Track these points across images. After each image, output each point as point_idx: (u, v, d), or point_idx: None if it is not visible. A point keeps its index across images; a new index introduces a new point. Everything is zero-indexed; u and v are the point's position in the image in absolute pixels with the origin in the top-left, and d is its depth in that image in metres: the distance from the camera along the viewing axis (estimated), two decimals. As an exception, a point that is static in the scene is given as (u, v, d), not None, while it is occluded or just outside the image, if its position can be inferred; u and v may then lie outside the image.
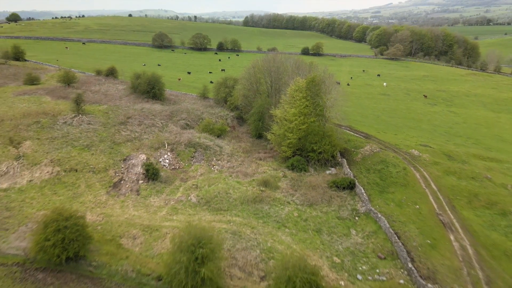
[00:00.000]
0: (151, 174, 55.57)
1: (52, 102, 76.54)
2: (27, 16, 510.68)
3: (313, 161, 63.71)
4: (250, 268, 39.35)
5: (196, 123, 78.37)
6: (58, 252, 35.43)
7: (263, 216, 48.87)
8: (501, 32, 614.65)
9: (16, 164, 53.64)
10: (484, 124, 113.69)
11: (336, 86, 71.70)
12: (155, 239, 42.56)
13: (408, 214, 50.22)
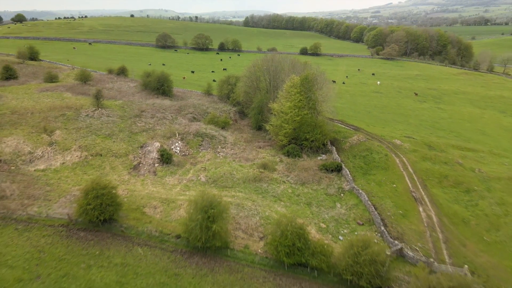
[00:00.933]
0: (165, 158, 64.31)
1: (73, 98, 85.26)
2: (27, 16, 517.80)
3: (306, 149, 72.50)
4: (251, 231, 48.06)
5: (202, 116, 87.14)
6: (97, 214, 44.10)
7: (262, 192, 57.62)
8: (498, 32, 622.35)
9: (49, 150, 62.37)
10: (468, 120, 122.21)
11: (327, 83, 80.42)
12: (172, 209, 51.25)
13: (386, 191, 58.96)
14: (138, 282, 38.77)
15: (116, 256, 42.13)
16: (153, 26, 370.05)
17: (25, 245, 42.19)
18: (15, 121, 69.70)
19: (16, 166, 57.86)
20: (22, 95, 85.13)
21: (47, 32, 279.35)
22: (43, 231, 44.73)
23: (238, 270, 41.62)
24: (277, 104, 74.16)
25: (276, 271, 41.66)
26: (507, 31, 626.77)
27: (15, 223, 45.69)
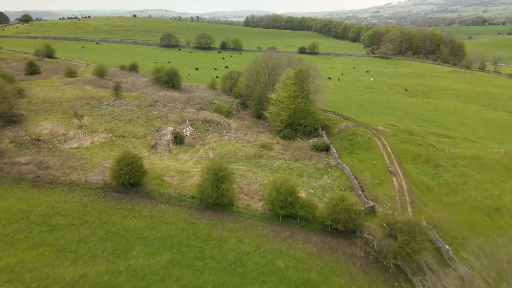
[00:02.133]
0: (178, 139, 74.97)
1: (93, 90, 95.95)
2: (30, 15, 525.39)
3: (300, 133, 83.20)
4: (252, 194, 58.67)
5: (208, 106, 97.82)
6: (128, 178, 54.72)
7: (261, 166, 68.28)
8: (495, 32, 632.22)
9: (80, 132, 73.04)
10: (451, 112, 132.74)
11: (319, 76, 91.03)
12: (186, 178, 61.88)
13: (366, 166, 69.66)
14: (164, 228, 49.38)
15: (144, 210, 52.79)
16: (156, 26, 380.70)
17: (71, 201, 52.87)
18: (47, 109, 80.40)
19: (53, 145, 68.53)
20: (48, 87, 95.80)
21: (55, 32, 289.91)
22: (84, 192, 55.41)
23: (242, 221, 52.25)
24: (274, 94, 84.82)
25: (272, 222, 52.29)
26: (503, 30, 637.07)
27: (60, 186, 56.38)
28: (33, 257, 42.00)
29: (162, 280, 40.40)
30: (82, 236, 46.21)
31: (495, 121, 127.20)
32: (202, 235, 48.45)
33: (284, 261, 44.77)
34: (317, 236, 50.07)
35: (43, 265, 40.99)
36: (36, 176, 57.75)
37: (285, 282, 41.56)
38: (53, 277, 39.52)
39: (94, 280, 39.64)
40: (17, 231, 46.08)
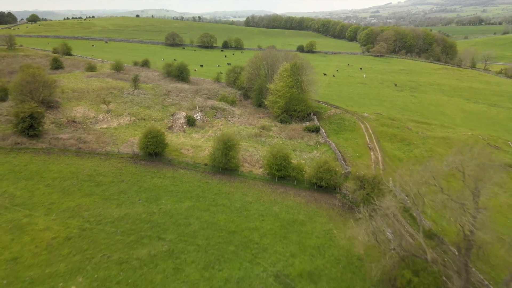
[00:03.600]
0: (190, 122, 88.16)
1: (114, 82, 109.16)
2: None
3: (294, 117, 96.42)
4: (254, 163, 71.78)
5: (214, 96, 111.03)
6: (153, 148, 67.83)
7: (261, 142, 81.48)
8: (491, 31, 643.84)
9: (107, 115, 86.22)
10: (434, 104, 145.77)
11: (312, 70, 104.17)
12: (199, 151, 75.06)
13: (350, 144, 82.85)
14: (184, 185, 62.51)
15: (167, 173, 65.97)
16: (160, 26, 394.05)
17: (109, 166, 66.07)
18: (77, 97, 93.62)
19: (87, 125, 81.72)
20: (74, 80, 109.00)
21: (64, 32, 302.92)
22: (118, 160, 68.64)
23: (246, 181, 65.40)
24: (273, 85, 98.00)
25: (270, 182, 65.44)
26: (499, 30, 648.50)
27: (98, 156, 69.59)
28: (87, 202, 55.17)
29: (186, 218, 53.51)
30: (121, 189, 59.41)
31: (474, 112, 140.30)
32: (214, 190, 61.64)
33: (278, 208, 57.92)
34: (305, 192, 63.26)
35: (95, 207, 54.16)
36: (78, 148, 70.95)
37: (279, 220, 54.68)
38: (104, 215, 52.66)
39: (134, 217, 52.77)
40: (70, 185, 59.29)
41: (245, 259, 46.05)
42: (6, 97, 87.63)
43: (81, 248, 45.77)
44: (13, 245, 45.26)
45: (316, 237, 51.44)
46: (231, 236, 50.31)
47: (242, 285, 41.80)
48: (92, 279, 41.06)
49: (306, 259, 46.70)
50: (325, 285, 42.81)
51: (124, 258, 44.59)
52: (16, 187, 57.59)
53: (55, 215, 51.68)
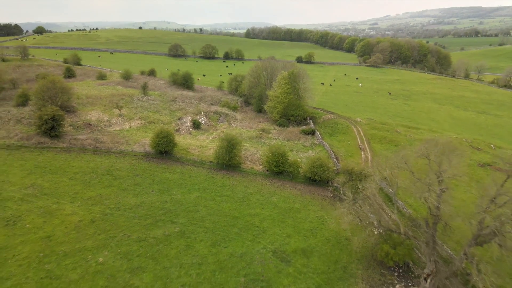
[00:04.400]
0: (196, 125, 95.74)
1: (124, 89, 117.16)
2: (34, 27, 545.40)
3: (292, 122, 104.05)
4: (254, 161, 79.08)
5: (217, 103, 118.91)
6: (164, 147, 75.23)
7: (261, 143, 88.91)
8: (487, 43, 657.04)
9: (120, 119, 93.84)
10: (425, 111, 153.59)
11: (308, 78, 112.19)
12: (205, 150, 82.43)
13: (342, 145, 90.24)
14: (191, 179, 69.70)
15: (176, 168, 73.23)
16: (163, 38, 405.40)
17: (124, 163, 73.38)
18: (91, 102, 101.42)
19: (101, 128, 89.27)
20: (87, 87, 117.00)
21: (70, 43, 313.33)
22: (132, 157, 75.99)
23: (247, 176, 72.60)
24: (272, 91, 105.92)
25: (269, 176, 72.62)
26: (495, 42, 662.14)
27: (114, 154, 76.94)
28: (106, 193, 62.33)
29: (195, 206, 60.58)
30: (136, 182, 66.63)
31: (462, 118, 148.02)
32: (219, 183, 68.84)
33: (276, 198, 65.04)
34: (301, 185, 70.44)
35: (114, 197, 61.30)
36: (95, 147, 78.39)
37: (277, 208, 61.73)
38: (122, 203, 59.76)
39: (149, 205, 59.85)
40: (91, 178, 66.54)
41: (247, 238, 53.02)
42: (27, 102, 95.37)
43: (104, 229, 52.78)
44: (45, 226, 52.29)
45: (310, 221, 58.45)
46: (234, 220, 57.34)
47: (245, 258, 48.67)
48: (116, 253, 47.97)
49: (300, 239, 53.65)
50: (316, 259, 49.68)
51: (142, 237, 51.59)
52: (43, 179, 64.84)
53: (79, 202, 58.80)
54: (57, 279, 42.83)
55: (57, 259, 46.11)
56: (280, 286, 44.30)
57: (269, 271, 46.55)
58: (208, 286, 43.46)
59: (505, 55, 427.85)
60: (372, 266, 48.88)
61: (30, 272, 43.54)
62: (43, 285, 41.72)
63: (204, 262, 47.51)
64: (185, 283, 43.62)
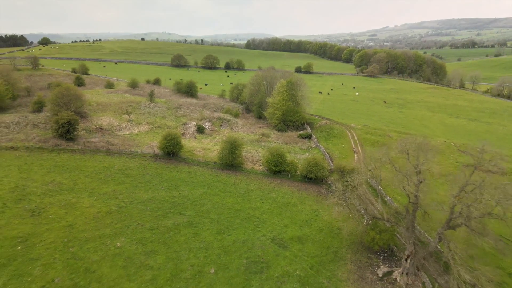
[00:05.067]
0: (200, 130, 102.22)
1: (131, 97, 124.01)
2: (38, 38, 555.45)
3: (290, 127, 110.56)
4: (255, 162, 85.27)
5: (220, 110, 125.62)
6: (171, 148, 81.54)
7: (261, 146, 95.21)
8: (483, 54, 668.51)
9: (129, 124, 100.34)
10: (419, 119, 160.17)
11: (305, 86, 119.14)
12: (209, 152, 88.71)
13: (337, 148, 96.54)
14: (197, 177, 75.83)
15: (183, 168, 79.41)
16: (165, 48, 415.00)
17: (135, 163, 79.61)
18: (102, 109, 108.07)
19: (112, 132, 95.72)
20: (96, 95, 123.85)
21: (75, 54, 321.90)
22: (142, 158, 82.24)
23: (248, 175, 78.73)
24: (271, 98, 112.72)
25: (268, 175, 78.75)
26: (491, 53, 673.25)
27: (125, 155, 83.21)
28: (120, 188, 68.42)
29: (201, 200, 66.62)
30: (147, 180, 72.77)
31: (454, 125, 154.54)
32: (222, 181, 74.98)
33: (275, 194, 71.10)
34: (298, 183, 76.56)
35: (127, 192, 67.38)
36: (108, 149, 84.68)
37: (275, 203, 67.73)
38: (135, 197, 65.82)
39: (159, 199, 65.90)
40: (105, 176, 72.69)
41: (248, 228, 58.99)
42: (42, 108, 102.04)
43: (120, 219, 58.78)
44: (67, 217, 58.30)
45: (305, 214, 64.45)
46: (237, 213, 63.36)
47: (246, 244, 54.58)
48: (132, 239, 53.91)
49: (296, 229, 59.61)
50: (310, 245, 55.57)
51: (154, 226, 57.59)
52: (62, 177, 71.03)
53: (96, 197, 64.90)
54: (81, 259, 48.70)
55: (80, 243, 52.01)
56: (278, 266, 50.11)
57: (268, 255, 52.41)
58: (214, 266, 49.32)
59: (500, 66, 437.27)
60: (360, 250, 54.78)
61: (57, 254, 49.41)
62: (69, 264, 47.57)
63: (210, 247, 53.40)
64: (194, 263, 49.46)
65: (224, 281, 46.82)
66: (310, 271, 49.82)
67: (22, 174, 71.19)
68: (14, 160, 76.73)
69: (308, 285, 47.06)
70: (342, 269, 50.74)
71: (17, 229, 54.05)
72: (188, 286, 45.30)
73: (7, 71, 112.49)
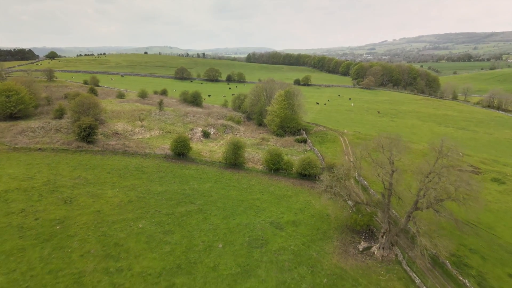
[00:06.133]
0: (206, 134, 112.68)
1: (142, 105, 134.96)
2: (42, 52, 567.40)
3: (288, 132, 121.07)
4: (256, 162, 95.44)
5: (223, 117, 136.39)
6: (181, 150, 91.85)
7: (261, 149, 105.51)
8: (478, 67, 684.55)
9: (141, 129, 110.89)
10: (409, 127, 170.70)
11: (301, 96, 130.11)
12: (214, 154, 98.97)
13: (330, 150, 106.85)
14: (204, 174, 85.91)
15: (192, 167, 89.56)
16: (168, 62, 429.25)
17: (149, 162, 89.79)
18: (116, 116, 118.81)
19: (127, 136, 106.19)
20: (110, 104, 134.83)
21: (83, 67, 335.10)
22: (155, 158, 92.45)
23: (250, 173, 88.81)
24: (271, 107, 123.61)
25: (267, 173, 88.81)
26: (486, 66, 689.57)
27: (140, 156, 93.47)
28: (138, 183, 78.43)
29: (208, 192, 76.55)
30: (161, 176, 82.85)
31: (442, 133, 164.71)
32: (227, 177, 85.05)
33: (273, 188, 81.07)
34: (293, 179, 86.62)
35: (144, 185, 77.38)
36: (124, 150, 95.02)
37: (273, 195, 77.64)
38: (151, 190, 75.77)
39: (172, 191, 75.86)
40: (124, 173, 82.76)
41: (250, 214, 68.81)
42: (63, 115, 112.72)
43: (140, 206, 68.67)
44: (95, 204, 68.18)
45: (299, 204, 74.35)
46: (240, 202, 73.26)
47: (249, 226, 64.33)
48: (151, 222, 63.72)
49: (291, 215, 69.43)
50: (303, 227, 65.31)
51: (170, 212, 67.43)
52: (86, 173, 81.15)
53: (118, 189, 74.88)
54: (110, 236, 58.45)
55: (108, 224, 61.81)
56: (275, 243, 59.83)
57: (267, 234, 62.17)
58: (222, 242, 59.05)
59: (494, 79, 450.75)
60: (345, 231, 64.55)
61: (90, 232, 59.21)
62: (101, 240, 57.34)
63: (217, 228, 63.20)
64: (205, 240, 59.20)
65: (230, 253, 56.46)
66: (302, 246, 59.51)
67: (52, 170, 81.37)
68: (43, 159, 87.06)
69: (300, 256, 56.72)
70: (329, 245, 60.43)
71: (54, 213, 63.94)
72: (201, 256, 54.93)
73: (30, 82, 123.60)
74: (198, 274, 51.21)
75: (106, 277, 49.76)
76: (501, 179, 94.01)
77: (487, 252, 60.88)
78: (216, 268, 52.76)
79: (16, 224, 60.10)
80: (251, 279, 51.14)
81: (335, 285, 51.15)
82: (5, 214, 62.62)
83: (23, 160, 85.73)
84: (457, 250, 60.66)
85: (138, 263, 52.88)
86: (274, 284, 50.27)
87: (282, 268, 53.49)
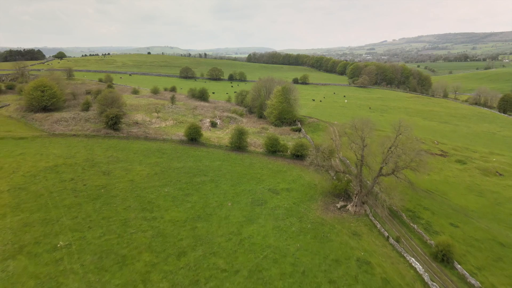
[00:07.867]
0: (213, 124, 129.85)
1: (156, 100, 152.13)
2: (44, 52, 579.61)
3: (285, 123, 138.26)
4: (257, 146, 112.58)
5: (228, 111, 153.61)
6: (194, 135, 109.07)
7: (261, 136, 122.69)
8: (474, 67, 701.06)
9: (158, 120, 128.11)
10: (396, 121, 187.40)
11: (297, 92, 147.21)
12: (221, 139, 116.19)
13: (320, 137, 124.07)
14: (214, 155, 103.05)
15: (203, 149, 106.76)
16: (172, 62, 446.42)
17: (167, 146, 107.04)
18: (134, 109, 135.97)
19: (146, 125, 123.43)
20: (127, 99, 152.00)
21: (91, 66, 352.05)
22: (171, 143, 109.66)
23: (252, 154, 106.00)
24: (269, 101, 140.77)
25: (266, 154, 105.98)
26: (481, 66, 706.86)
27: (159, 141, 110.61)
28: (160, 161, 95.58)
29: (218, 168, 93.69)
30: (178, 155, 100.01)
31: (425, 126, 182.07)
32: (233, 157, 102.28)
33: (271, 165, 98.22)
34: (288, 159, 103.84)
35: (166, 163, 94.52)
36: (145, 136, 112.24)
37: (271, 170, 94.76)
38: (172, 166, 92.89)
39: (189, 167, 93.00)
40: (148, 153, 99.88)
41: (252, 183, 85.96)
42: (89, 108, 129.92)
43: (164, 177, 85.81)
44: (128, 175, 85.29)
45: (292, 176, 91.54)
46: (244, 175, 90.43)
47: (251, 191, 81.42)
48: (174, 188, 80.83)
49: (286, 184, 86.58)
50: (295, 193, 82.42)
51: (188, 181, 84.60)
52: (117, 153, 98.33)
53: (144, 165, 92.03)
54: (143, 197, 75.53)
55: (140, 189, 78.91)
56: (272, 203, 76.92)
57: (266, 197, 79.31)
58: (231, 201, 76.18)
59: (487, 78, 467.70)
60: (328, 195, 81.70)
61: (128, 194, 76.26)
62: (137, 199, 74.41)
63: (227, 192, 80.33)
64: (217, 200, 76.33)
65: (237, 209, 73.57)
66: (293, 205, 76.68)
67: (88, 151, 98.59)
68: (79, 143, 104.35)
69: (291, 211, 73.87)
70: (314, 204, 77.59)
71: (97, 181, 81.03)
72: (215, 210, 72.03)
73: (58, 80, 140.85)
74: (213, 221, 68.25)
75: (145, 222, 66.81)
76: (464, 160, 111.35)
77: (437, 210, 78.19)
78: (227, 218, 69.81)
79: (70, 188, 77.14)
80: (254, 224, 68.21)
81: (317, 228, 68.30)
82: (60, 181, 79.72)
83: (63, 143, 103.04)
84: (413, 208, 77.95)
85: (168, 214, 69.89)
86: (271, 227, 67.33)
87: (277, 218, 70.58)
